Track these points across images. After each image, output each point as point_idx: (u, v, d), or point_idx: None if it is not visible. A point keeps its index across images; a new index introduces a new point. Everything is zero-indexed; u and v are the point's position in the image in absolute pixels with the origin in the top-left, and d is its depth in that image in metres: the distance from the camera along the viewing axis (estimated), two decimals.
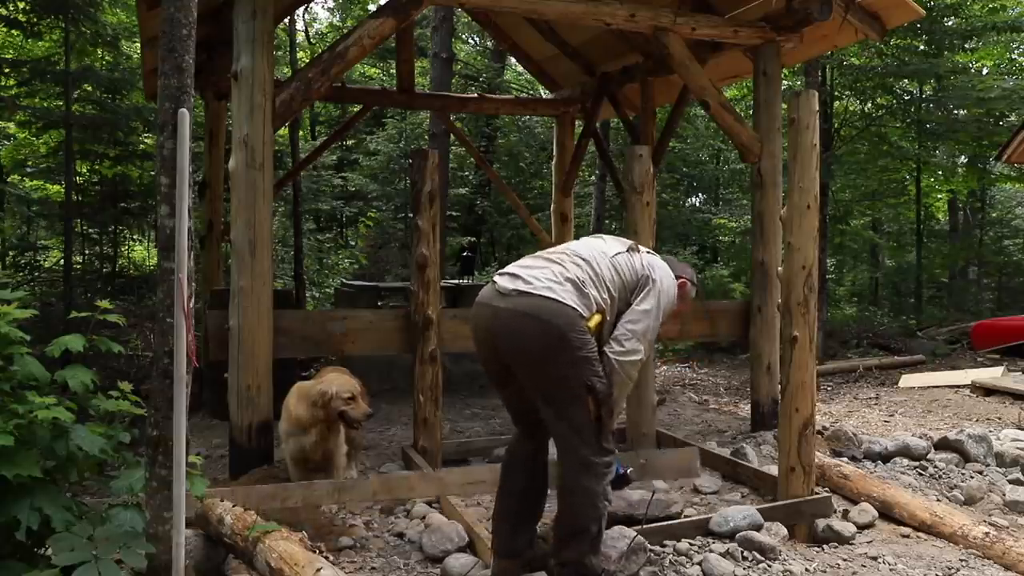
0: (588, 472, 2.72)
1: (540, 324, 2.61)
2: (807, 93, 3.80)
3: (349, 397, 3.82)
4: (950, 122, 13.08)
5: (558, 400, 2.68)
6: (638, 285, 2.87)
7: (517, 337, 2.65)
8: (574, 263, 2.81)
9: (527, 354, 2.65)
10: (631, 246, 3.03)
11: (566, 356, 2.61)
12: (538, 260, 2.86)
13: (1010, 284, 15.78)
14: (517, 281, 2.69)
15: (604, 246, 2.98)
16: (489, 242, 17.51)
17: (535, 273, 2.72)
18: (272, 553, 2.74)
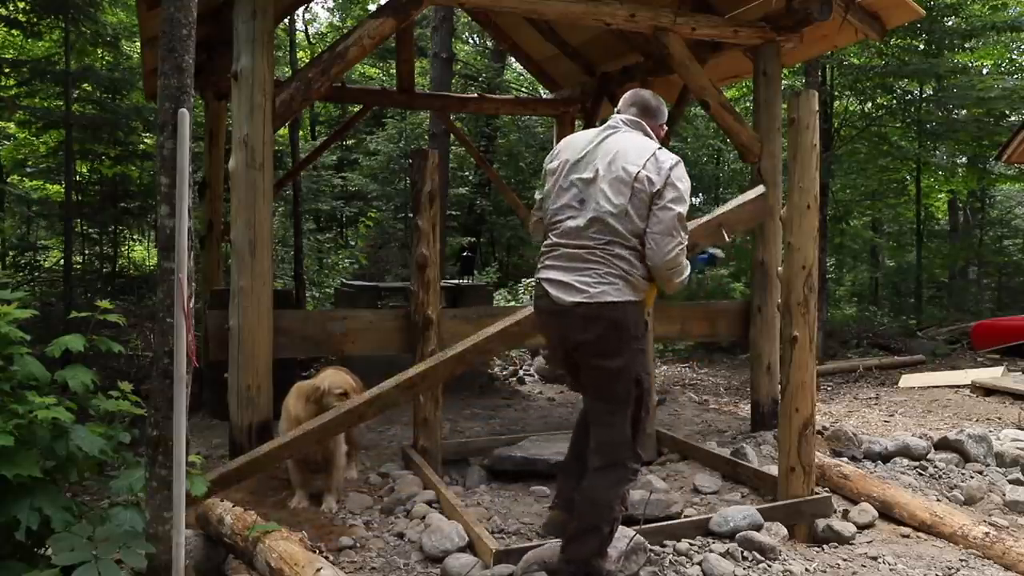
0: (616, 473, 2.81)
1: (607, 323, 2.73)
2: (807, 93, 3.80)
3: (341, 393, 3.83)
4: (950, 122, 13.08)
5: (608, 393, 2.80)
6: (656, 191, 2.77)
7: (587, 339, 2.76)
8: (608, 254, 2.76)
9: (593, 352, 2.76)
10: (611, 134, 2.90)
11: (626, 348, 2.75)
12: (576, 262, 2.80)
13: (1010, 284, 15.77)
14: (572, 291, 2.76)
15: (606, 189, 2.78)
16: (489, 242, 17.50)
17: (585, 279, 2.76)
18: (272, 553, 2.74)
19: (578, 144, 2.93)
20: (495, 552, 3.11)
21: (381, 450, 5.02)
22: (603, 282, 2.73)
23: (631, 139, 2.88)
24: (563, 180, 2.88)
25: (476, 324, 4.93)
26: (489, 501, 4.09)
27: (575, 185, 2.84)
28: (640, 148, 2.83)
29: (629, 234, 2.75)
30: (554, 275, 2.83)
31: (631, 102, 3.04)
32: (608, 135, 2.91)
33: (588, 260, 2.77)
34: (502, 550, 3.13)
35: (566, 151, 2.95)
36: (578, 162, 2.87)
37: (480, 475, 4.46)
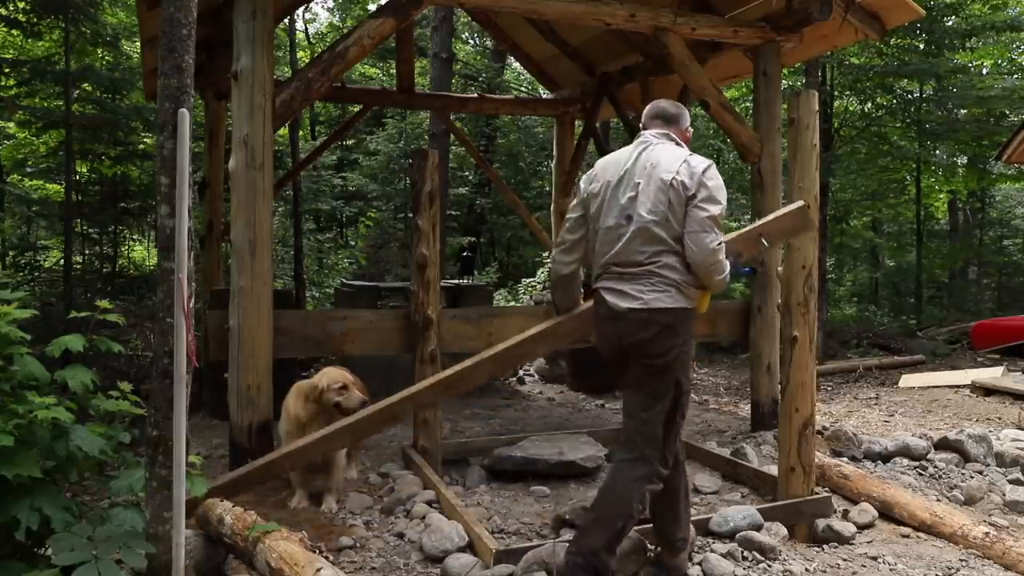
0: (641, 468, 2.90)
1: (659, 328, 2.88)
2: (807, 93, 3.80)
3: (341, 387, 3.83)
4: (950, 122, 13.08)
5: (648, 388, 2.92)
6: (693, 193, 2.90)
7: (640, 342, 2.89)
8: (658, 265, 2.90)
9: (643, 351, 2.90)
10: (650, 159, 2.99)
11: (674, 352, 2.90)
12: (630, 267, 2.93)
13: (1010, 284, 15.78)
14: (628, 298, 2.91)
15: (646, 200, 2.90)
16: (489, 242, 17.50)
17: (639, 287, 2.91)
18: (272, 553, 2.74)
19: (616, 164, 3.06)
20: (495, 552, 3.11)
21: (381, 450, 5.02)
22: (656, 290, 2.90)
23: (664, 150, 3.02)
24: (608, 200, 3.02)
25: (476, 324, 4.94)
26: (489, 501, 4.09)
27: (620, 203, 2.98)
28: (673, 156, 2.97)
29: (673, 240, 2.90)
30: (611, 284, 2.98)
31: (653, 115, 3.17)
32: (642, 150, 3.04)
33: (641, 274, 2.93)
34: (502, 550, 3.14)
35: (605, 172, 3.08)
36: (620, 181, 3.01)
37: (480, 475, 4.46)
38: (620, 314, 2.92)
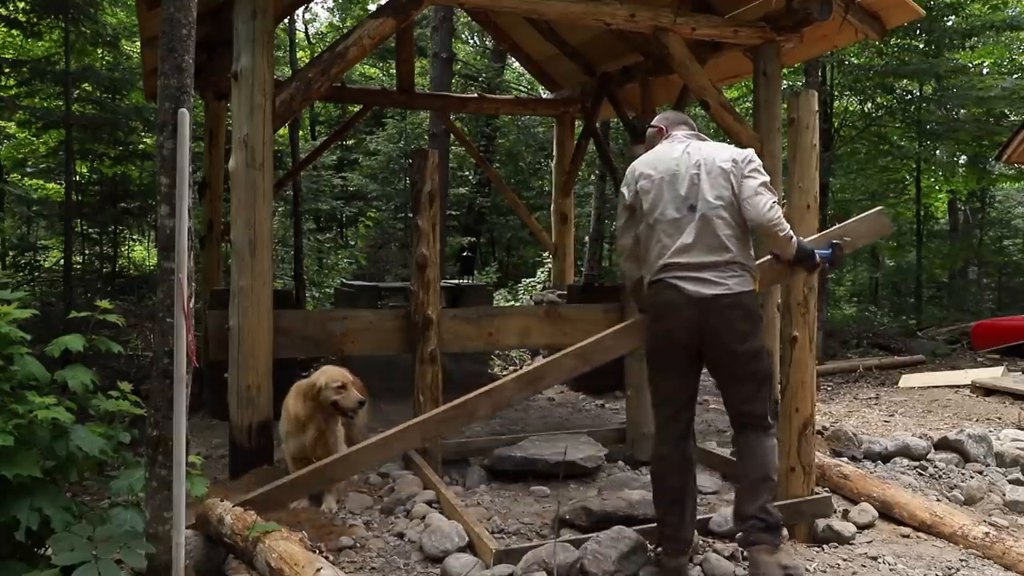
0: (768, 433, 3.14)
1: (743, 311, 3.03)
2: (807, 93, 3.80)
3: (339, 386, 3.83)
4: (950, 122, 13.07)
5: (750, 374, 3.07)
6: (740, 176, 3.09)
7: (728, 326, 3.01)
8: (727, 248, 3.03)
9: (732, 339, 3.02)
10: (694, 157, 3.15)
11: (756, 331, 3.10)
12: (708, 255, 3.03)
13: (1010, 284, 15.78)
14: (710, 285, 3.00)
15: (708, 188, 3.06)
16: (489, 242, 17.50)
17: (722, 275, 3.02)
18: (272, 553, 2.74)
19: (665, 160, 3.18)
20: (495, 552, 3.11)
21: None
22: (736, 275, 3.03)
23: (710, 144, 3.23)
24: (665, 193, 3.11)
25: (476, 324, 4.94)
26: (489, 501, 4.09)
27: (680, 195, 3.08)
28: (721, 147, 3.20)
29: (739, 225, 3.06)
30: (686, 273, 3.04)
31: (679, 122, 3.38)
32: (686, 146, 3.19)
33: (719, 262, 3.03)
34: (502, 550, 3.14)
35: (654, 169, 3.17)
36: (674, 175, 3.11)
37: (480, 475, 4.46)
38: (702, 301, 2.99)
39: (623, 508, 3.55)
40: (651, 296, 3.16)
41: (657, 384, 3.24)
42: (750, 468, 3.10)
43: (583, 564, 3.04)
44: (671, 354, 3.14)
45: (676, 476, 3.15)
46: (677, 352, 3.12)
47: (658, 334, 3.16)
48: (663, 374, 3.20)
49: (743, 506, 3.07)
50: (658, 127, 3.40)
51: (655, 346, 3.20)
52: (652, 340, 3.21)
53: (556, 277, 9.02)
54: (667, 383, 3.20)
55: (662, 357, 3.18)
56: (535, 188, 15.84)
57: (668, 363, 3.16)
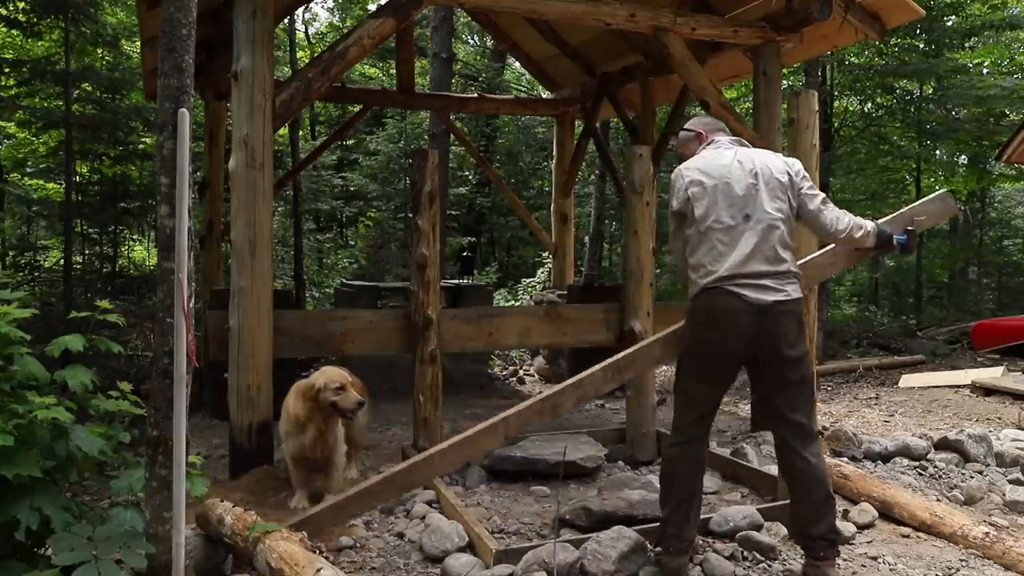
0: (818, 443, 3.16)
1: (796, 317, 3.09)
2: (807, 93, 3.81)
3: (338, 387, 3.83)
4: (950, 122, 13.07)
5: (800, 380, 3.10)
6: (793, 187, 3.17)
7: (783, 331, 3.04)
8: (789, 261, 3.10)
9: (786, 344, 3.05)
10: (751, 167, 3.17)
11: (804, 337, 3.16)
12: (766, 265, 3.04)
13: (1010, 284, 15.77)
14: (771, 292, 3.03)
15: (767, 199, 3.09)
16: (489, 242, 17.50)
17: (781, 283, 3.06)
18: (272, 553, 2.74)
19: (718, 166, 3.17)
20: (495, 552, 3.11)
21: (381, 450, 5.02)
22: (792, 283, 3.09)
23: (756, 151, 3.25)
24: (719, 200, 3.10)
25: (476, 324, 4.95)
26: (489, 501, 4.09)
27: (735, 202, 3.08)
28: (770, 156, 3.23)
29: (790, 236, 3.11)
30: (746, 280, 3.04)
31: (716, 127, 3.40)
32: (736, 152, 3.21)
33: (779, 270, 3.06)
34: (502, 550, 3.14)
35: (709, 174, 3.15)
36: (728, 182, 3.11)
37: (480, 475, 4.46)
38: (764, 308, 3.01)
39: (623, 508, 3.55)
40: (704, 302, 3.10)
41: (690, 388, 3.21)
42: (812, 489, 3.07)
43: (583, 564, 3.04)
44: (719, 361, 3.12)
45: (688, 477, 3.15)
46: (726, 360, 3.11)
47: (709, 341, 3.11)
48: (701, 380, 3.17)
49: (811, 528, 3.07)
50: (696, 132, 3.37)
51: (700, 352, 3.15)
52: (698, 346, 3.16)
53: (556, 277, 9.02)
54: (702, 389, 3.18)
55: (706, 363, 3.14)
56: (535, 188, 15.84)
57: (711, 370, 3.14)
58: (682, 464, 3.16)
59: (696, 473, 3.18)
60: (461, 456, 3.39)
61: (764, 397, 3.20)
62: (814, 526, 3.06)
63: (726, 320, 3.04)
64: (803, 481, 3.09)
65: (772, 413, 3.17)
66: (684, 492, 3.13)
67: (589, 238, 13.19)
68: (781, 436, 3.16)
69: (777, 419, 3.16)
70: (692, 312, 3.18)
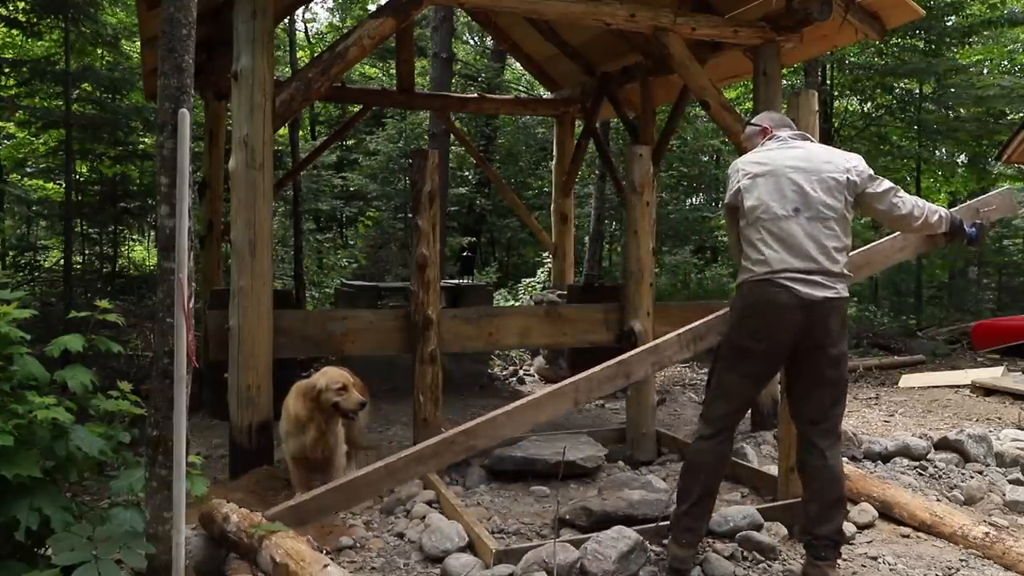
0: (839, 445, 3.19)
1: (841, 315, 3.08)
2: (807, 93, 3.80)
3: (340, 388, 3.83)
4: (950, 121, 13.07)
5: (837, 379, 3.10)
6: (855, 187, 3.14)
7: (827, 327, 3.03)
8: (839, 258, 3.06)
9: (831, 342, 3.04)
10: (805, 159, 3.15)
11: (846, 336, 3.14)
12: (817, 262, 3.02)
13: (1010, 284, 15.76)
14: (821, 288, 3.01)
15: (822, 195, 3.06)
16: (489, 242, 17.50)
17: (831, 280, 3.04)
18: (278, 549, 2.75)
19: (776, 159, 3.16)
20: (495, 552, 3.11)
21: (381, 450, 5.01)
22: (842, 280, 3.08)
23: (819, 147, 3.23)
24: (775, 193, 3.09)
25: (476, 324, 4.95)
26: (489, 501, 4.09)
27: (788, 196, 3.07)
28: (831, 153, 3.19)
29: (843, 234, 3.08)
30: (796, 275, 3.02)
31: (783, 123, 3.38)
32: (797, 148, 3.19)
33: (827, 266, 3.03)
34: (502, 550, 3.14)
35: (764, 167, 3.15)
36: (783, 176, 3.10)
37: (480, 475, 4.46)
38: (813, 303, 2.99)
39: (623, 508, 3.55)
40: (753, 295, 3.08)
41: (727, 380, 3.18)
42: (826, 488, 3.08)
43: (583, 564, 3.04)
44: (761, 355, 3.10)
45: (712, 473, 3.16)
46: (769, 354, 3.10)
47: (755, 333, 3.08)
48: (741, 372, 3.15)
49: (818, 527, 3.08)
50: (761, 127, 3.38)
51: (745, 344, 3.12)
52: (743, 337, 3.12)
53: (556, 277, 9.02)
54: (740, 382, 3.15)
55: (748, 356, 3.12)
56: (535, 188, 15.84)
57: (756, 360, 3.12)
58: (709, 458, 3.16)
59: (720, 469, 3.19)
60: (529, 418, 3.25)
61: (798, 392, 3.18)
62: (821, 526, 3.07)
63: (774, 313, 3.02)
64: (818, 479, 3.09)
65: (803, 409, 3.16)
66: (705, 488, 3.13)
67: (589, 238, 13.20)
68: (806, 432, 3.15)
69: (806, 415, 3.15)
70: (739, 303, 3.15)
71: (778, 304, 3.00)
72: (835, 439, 3.13)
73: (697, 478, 3.14)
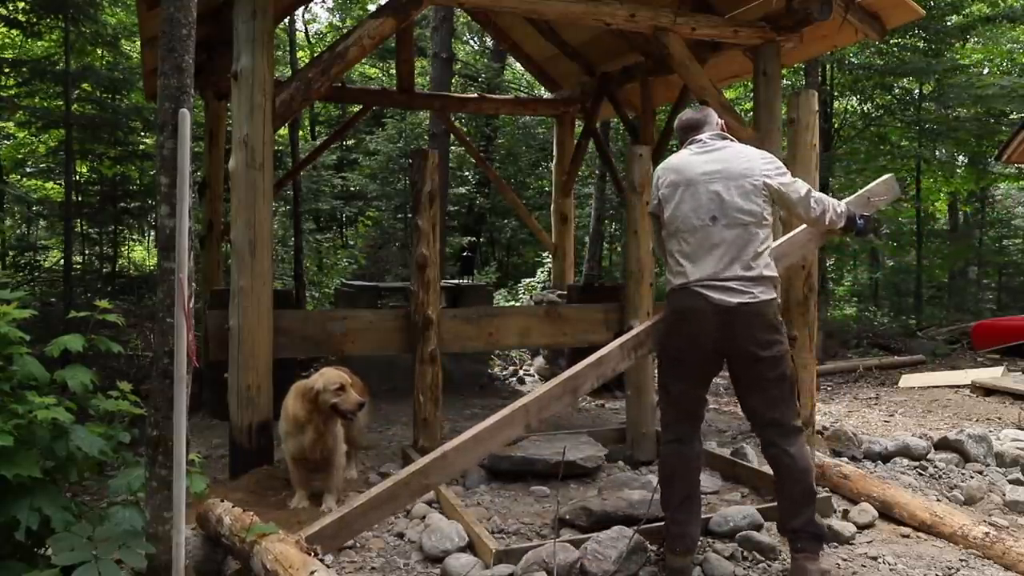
0: (800, 438, 3.15)
1: (765, 319, 3.05)
2: (807, 93, 3.81)
3: (338, 388, 3.82)
4: (950, 121, 13.07)
5: (778, 378, 3.08)
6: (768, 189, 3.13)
7: (752, 334, 3.03)
8: (760, 263, 3.06)
9: (760, 343, 3.03)
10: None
11: (780, 337, 3.10)
12: (733, 268, 3.04)
13: (1010, 284, 15.76)
14: (736, 294, 3.01)
15: (737, 201, 3.06)
16: (489, 242, 17.50)
17: (748, 285, 3.03)
18: (268, 555, 2.74)
19: (691, 164, 3.17)
20: (495, 552, 3.11)
21: (381, 450, 5.02)
22: (760, 285, 3.05)
23: (733, 150, 3.19)
24: (690, 201, 3.10)
25: (476, 324, 4.95)
26: (489, 501, 4.09)
27: (701, 203, 3.08)
28: (744, 154, 3.18)
29: (763, 238, 3.08)
30: (712, 282, 3.04)
31: (702, 123, 3.32)
32: (712, 151, 3.18)
33: (744, 272, 3.04)
34: (502, 550, 3.14)
35: (680, 174, 3.17)
36: (697, 182, 3.11)
37: (480, 475, 4.46)
38: (728, 309, 3.00)
39: (623, 508, 3.55)
40: (675, 302, 3.15)
41: (669, 386, 3.24)
42: (787, 483, 3.11)
43: (583, 564, 3.04)
44: (690, 360, 3.15)
45: (685, 475, 3.17)
46: (696, 359, 3.14)
47: (681, 338, 3.15)
48: (678, 377, 3.20)
49: (789, 521, 3.11)
50: (683, 127, 3.37)
51: (674, 349, 3.19)
52: (672, 343, 3.20)
53: (556, 277, 9.02)
54: (680, 387, 3.20)
55: (681, 361, 3.17)
56: (535, 188, 15.84)
57: (684, 368, 3.17)
58: (677, 462, 3.18)
59: (692, 471, 3.19)
60: (478, 452, 3.23)
61: (743, 396, 3.21)
62: (792, 519, 3.09)
63: (692, 320, 3.08)
64: (782, 475, 3.13)
65: (752, 411, 3.19)
66: (682, 491, 3.15)
67: (589, 238, 13.20)
68: (763, 433, 3.18)
69: (757, 417, 3.18)
70: (666, 312, 3.24)
71: (695, 311, 3.06)
72: (792, 435, 3.12)
73: (672, 483, 3.18)
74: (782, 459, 3.11)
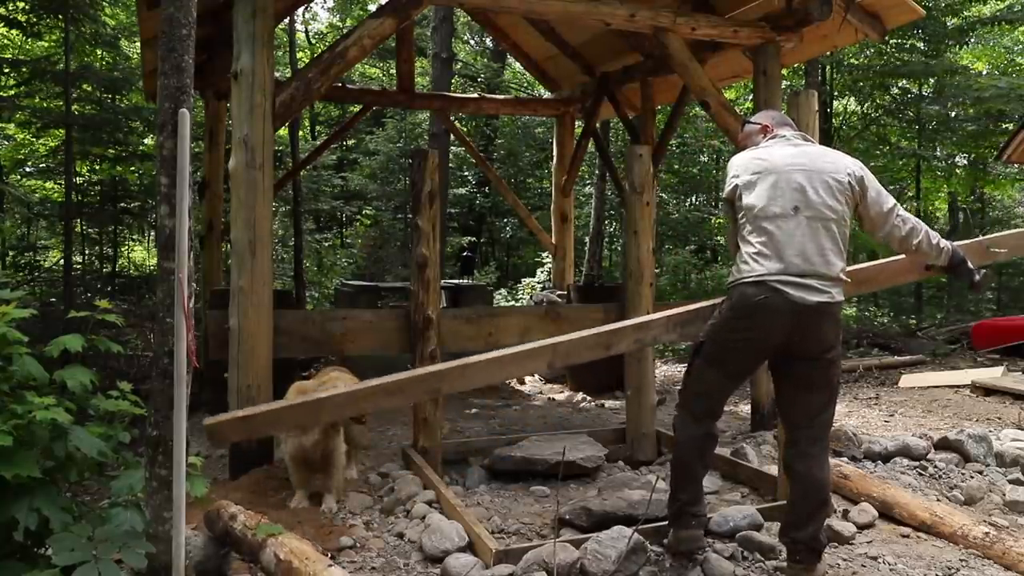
0: (827, 451, 3.17)
1: (834, 319, 3.05)
2: (807, 93, 3.80)
3: None
4: (949, 121, 13.07)
5: (829, 382, 3.08)
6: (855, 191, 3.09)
7: (819, 332, 3.01)
8: (834, 264, 3.01)
9: (823, 344, 3.02)
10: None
11: (839, 341, 3.12)
12: (813, 264, 2.98)
13: (1010, 284, 15.76)
14: (815, 292, 2.96)
15: (824, 196, 3.01)
16: (489, 242, 17.51)
17: (826, 284, 2.99)
18: (283, 548, 2.77)
19: (776, 157, 3.12)
20: (495, 552, 3.11)
21: (381, 450, 5.02)
22: (836, 285, 3.02)
23: (820, 148, 3.19)
24: (773, 192, 3.04)
25: (476, 324, 4.94)
26: (489, 501, 4.09)
27: (788, 195, 3.02)
28: (832, 155, 3.17)
29: (841, 237, 3.05)
30: (788, 278, 2.97)
31: (784, 122, 3.33)
32: (798, 147, 3.14)
33: (821, 271, 2.99)
34: (502, 550, 3.14)
35: (764, 165, 3.10)
36: (782, 175, 3.05)
37: (480, 475, 4.46)
38: (805, 308, 2.94)
39: (623, 508, 3.55)
40: (745, 296, 3.00)
41: (706, 374, 3.16)
42: (809, 490, 3.06)
43: (583, 564, 3.04)
44: (746, 355, 3.09)
45: (702, 456, 3.20)
46: (754, 355, 3.12)
47: (748, 331, 3.03)
48: (722, 369, 3.12)
49: (795, 531, 3.06)
50: (761, 124, 3.32)
51: (731, 344, 3.08)
52: (733, 336, 3.07)
53: (556, 277, 9.03)
54: (719, 379, 3.14)
55: (732, 354, 3.09)
56: (535, 188, 15.85)
57: (736, 362, 3.11)
58: (701, 444, 3.18)
59: (711, 451, 3.23)
60: (496, 374, 3.19)
61: (787, 395, 3.15)
62: (798, 530, 3.05)
63: (765, 314, 2.97)
64: (800, 484, 3.08)
65: (791, 412, 3.14)
66: (695, 475, 3.19)
67: (589, 238, 13.20)
68: (793, 435, 3.13)
69: (794, 418, 3.13)
70: (730, 302, 3.08)
71: (769, 307, 2.95)
72: (822, 445, 3.09)
73: (690, 469, 3.18)
74: (801, 468, 3.07)
